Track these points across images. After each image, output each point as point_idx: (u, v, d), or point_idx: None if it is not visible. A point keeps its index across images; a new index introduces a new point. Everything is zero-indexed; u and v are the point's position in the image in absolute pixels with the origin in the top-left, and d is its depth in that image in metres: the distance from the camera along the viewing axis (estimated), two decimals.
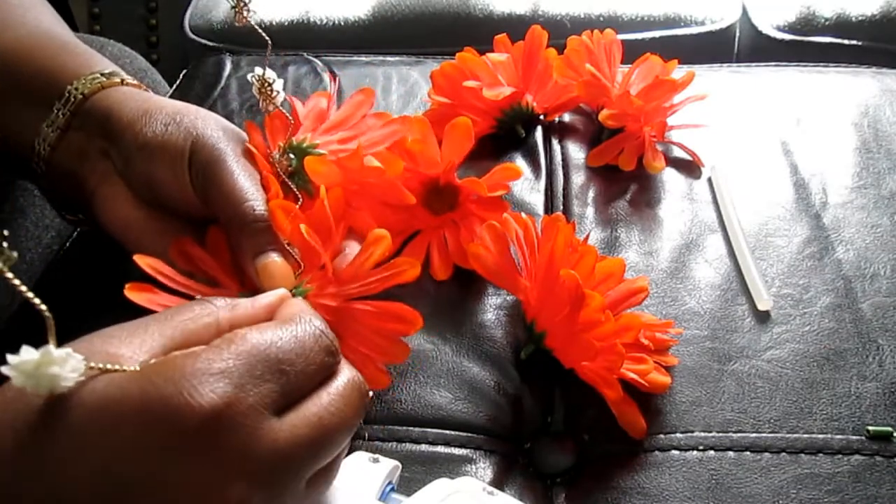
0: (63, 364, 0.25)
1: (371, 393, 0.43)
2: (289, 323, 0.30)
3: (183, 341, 0.29)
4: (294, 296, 0.36)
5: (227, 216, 0.41)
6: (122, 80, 0.45)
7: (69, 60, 0.45)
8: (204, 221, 0.44)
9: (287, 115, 0.47)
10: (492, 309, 0.48)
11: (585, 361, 0.42)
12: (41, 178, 0.45)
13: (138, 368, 0.27)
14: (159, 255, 0.40)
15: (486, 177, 0.49)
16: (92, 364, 0.26)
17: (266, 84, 0.45)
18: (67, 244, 0.55)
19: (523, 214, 0.46)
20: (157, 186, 0.42)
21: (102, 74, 0.44)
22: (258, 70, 0.45)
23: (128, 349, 0.27)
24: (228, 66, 0.68)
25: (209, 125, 0.43)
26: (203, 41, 1.00)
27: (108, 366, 0.26)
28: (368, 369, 0.41)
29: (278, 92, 0.46)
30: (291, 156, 0.47)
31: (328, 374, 0.30)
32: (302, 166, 0.46)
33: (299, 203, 0.45)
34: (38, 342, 0.25)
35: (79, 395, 0.26)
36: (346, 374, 0.31)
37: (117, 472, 0.25)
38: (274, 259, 0.40)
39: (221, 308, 0.31)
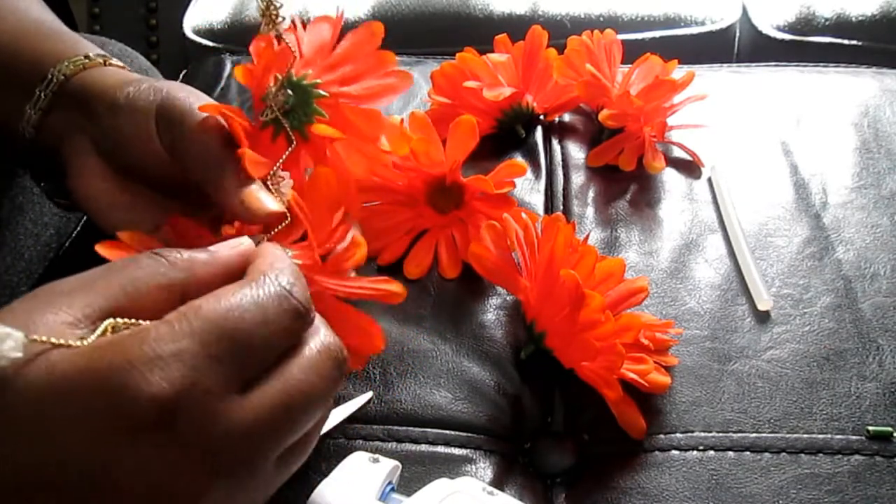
0: (2, 341, 0.23)
1: (371, 394, 0.44)
2: (250, 285, 0.28)
3: (129, 305, 0.27)
4: None
5: (201, 162, 0.39)
6: (105, 62, 0.45)
7: (55, 45, 0.45)
8: (175, 192, 0.42)
9: (287, 43, 0.43)
10: (492, 309, 0.48)
11: (585, 361, 0.42)
12: (31, 163, 0.45)
13: (83, 343, 0.25)
14: (127, 227, 0.38)
15: (491, 174, 0.49)
16: (34, 337, 0.24)
17: (272, 5, 0.41)
18: (67, 243, 0.55)
19: (523, 214, 0.46)
20: (127, 148, 0.41)
21: (86, 57, 0.44)
22: None
23: (69, 313, 0.26)
24: (228, 67, 0.68)
25: (181, 88, 0.41)
26: (203, 41, 1.00)
27: (53, 340, 0.25)
28: None
29: (284, 18, 0.42)
30: (289, 92, 0.43)
31: (297, 339, 0.28)
32: (299, 104, 0.43)
33: (292, 146, 0.42)
34: None
35: (21, 383, 0.24)
36: (318, 340, 0.29)
37: (72, 463, 0.24)
38: (259, 187, 0.38)
39: (175, 265, 0.29)
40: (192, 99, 0.41)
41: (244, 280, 0.28)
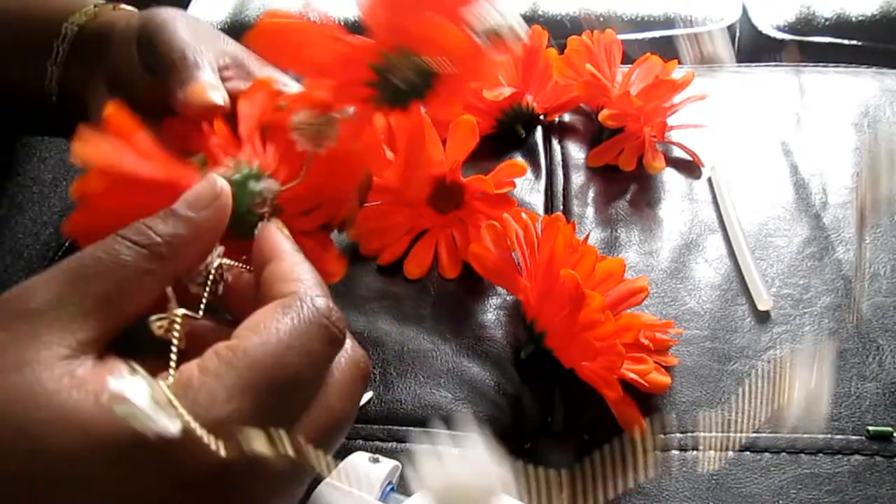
0: (164, 409, 0.22)
1: (371, 394, 0.44)
2: (290, 316, 0.26)
3: (122, 304, 0.25)
4: (238, 179, 0.32)
5: (166, 71, 0.37)
6: (115, 7, 0.44)
7: (65, 3, 0.45)
8: None
9: None
10: (492, 309, 0.48)
11: (585, 361, 0.42)
12: (63, 124, 0.44)
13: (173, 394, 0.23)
14: None
15: (491, 174, 0.49)
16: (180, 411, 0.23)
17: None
18: (67, 242, 0.55)
19: (523, 214, 0.46)
20: (121, 77, 0.41)
21: (95, 6, 0.44)
22: None
23: (61, 345, 0.24)
24: None
25: (176, 13, 0.40)
26: None
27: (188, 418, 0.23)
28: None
29: None
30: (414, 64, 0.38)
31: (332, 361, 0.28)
32: (421, 84, 0.37)
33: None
34: None
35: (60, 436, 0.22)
36: (347, 356, 0.28)
37: None
38: (212, 82, 0.36)
39: (159, 256, 0.27)
40: (178, 17, 0.40)
41: (281, 305, 0.27)
